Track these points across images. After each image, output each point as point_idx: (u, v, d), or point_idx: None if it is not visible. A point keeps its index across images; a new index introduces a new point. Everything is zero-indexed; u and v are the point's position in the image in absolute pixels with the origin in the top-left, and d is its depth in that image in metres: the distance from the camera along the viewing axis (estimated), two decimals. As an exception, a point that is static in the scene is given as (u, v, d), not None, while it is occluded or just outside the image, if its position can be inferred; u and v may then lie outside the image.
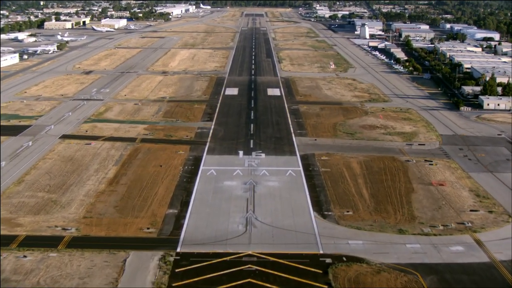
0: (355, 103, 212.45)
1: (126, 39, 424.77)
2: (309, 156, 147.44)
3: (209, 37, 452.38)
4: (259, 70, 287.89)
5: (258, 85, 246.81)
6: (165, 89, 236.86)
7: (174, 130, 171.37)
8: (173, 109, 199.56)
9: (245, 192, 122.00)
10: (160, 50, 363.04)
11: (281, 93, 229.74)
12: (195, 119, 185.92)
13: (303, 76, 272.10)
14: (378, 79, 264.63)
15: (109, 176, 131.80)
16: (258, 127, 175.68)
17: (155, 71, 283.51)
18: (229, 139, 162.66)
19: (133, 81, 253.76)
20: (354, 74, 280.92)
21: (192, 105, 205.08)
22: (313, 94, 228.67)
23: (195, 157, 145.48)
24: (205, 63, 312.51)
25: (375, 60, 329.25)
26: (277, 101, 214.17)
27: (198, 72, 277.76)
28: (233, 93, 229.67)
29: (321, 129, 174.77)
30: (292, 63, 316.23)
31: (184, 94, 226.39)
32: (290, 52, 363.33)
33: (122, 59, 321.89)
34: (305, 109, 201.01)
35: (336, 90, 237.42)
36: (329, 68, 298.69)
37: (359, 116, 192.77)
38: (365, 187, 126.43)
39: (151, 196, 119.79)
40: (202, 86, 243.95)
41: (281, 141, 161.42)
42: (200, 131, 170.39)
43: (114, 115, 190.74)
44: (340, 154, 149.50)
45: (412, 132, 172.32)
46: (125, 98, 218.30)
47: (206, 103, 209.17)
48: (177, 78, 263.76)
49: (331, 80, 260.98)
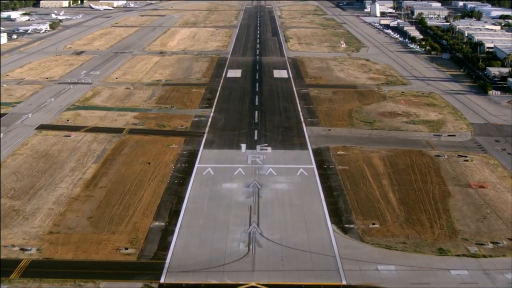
0: (371, 86, 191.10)
1: (124, 18, 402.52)
2: (323, 151, 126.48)
3: (211, 15, 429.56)
4: (264, 50, 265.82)
5: (263, 66, 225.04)
6: (161, 71, 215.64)
7: (168, 118, 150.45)
8: (169, 93, 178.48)
9: (247, 198, 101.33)
10: (159, 29, 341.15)
11: (288, 75, 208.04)
12: (192, 105, 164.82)
13: (312, 56, 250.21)
14: (393, 59, 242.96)
15: (87, 176, 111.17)
16: (263, 115, 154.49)
17: (152, 51, 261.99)
18: (230, 129, 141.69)
19: (127, 62, 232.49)
20: (367, 54, 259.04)
21: (190, 89, 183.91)
22: (324, 76, 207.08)
23: (189, 152, 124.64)
24: (207, 42, 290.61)
25: (388, 39, 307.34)
26: (285, 84, 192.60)
27: (198, 52, 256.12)
28: (235, 75, 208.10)
29: (335, 117, 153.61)
30: (299, 42, 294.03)
31: (182, 77, 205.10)
32: (297, 30, 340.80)
33: (117, 39, 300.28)
34: (316, 94, 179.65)
35: (349, 72, 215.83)
36: (340, 47, 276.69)
37: (376, 101, 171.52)
38: (391, 190, 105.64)
39: (135, 203, 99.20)
40: (202, 67, 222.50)
41: (289, 131, 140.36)
42: (197, 120, 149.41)
43: (102, 101, 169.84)
44: (359, 147, 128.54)
45: (438, 121, 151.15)
46: (116, 81, 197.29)
47: (206, 87, 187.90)
48: (175, 58, 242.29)
49: (343, 61, 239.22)
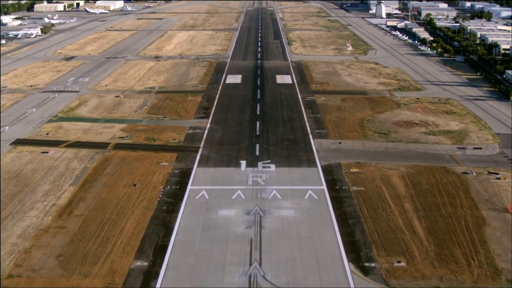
0: (382, 92, 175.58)
1: (120, 21, 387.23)
2: (334, 168, 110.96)
3: (211, 18, 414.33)
4: (266, 54, 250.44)
5: (265, 71, 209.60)
6: (155, 77, 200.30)
7: (159, 131, 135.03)
8: (162, 102, 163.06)
9: (248, 228, 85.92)
10: (155, 33, 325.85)
11: (292, 81, 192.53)
12: (187, 115, 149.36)
13: (317, 59, 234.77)
14: (404, 63, 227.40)
15: (62, 202, 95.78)
16: (265, 126, 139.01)
17: (146, 56, 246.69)
18: (228, 143, 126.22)
19: (119, 68, 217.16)
20: (376, 57, 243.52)
21: (185, 97, 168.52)
22: (331, 82, 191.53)
23: (182, 171, 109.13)
24: (205, 46, 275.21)
25: (397, 41, 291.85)
26: (289, 91, 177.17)
27: (196, 57, 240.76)
28: (235, 81, 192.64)
29: (345, 127, 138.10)
30: (303, 45, 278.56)
31: (177, 83, 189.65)
32: (300, 33, 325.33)
33: (111, 43, 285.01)
34: (323, 101, 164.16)
35: (358, 76, 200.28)
36: (346, 50, 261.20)
37: (390, 109, 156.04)
38: (416, 217, 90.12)
39: (114, 235, 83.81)
40: (199, 73, 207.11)
41: (295, 145, 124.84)
42: (192, 133, 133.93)
43: (88, 111, 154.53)
44: (374, 163, 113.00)
45: (460, 131, 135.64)
46: (106, 89, 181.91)
47: (203, 95, 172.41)
48: (171, 63, 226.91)
49: (350, 64, 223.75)
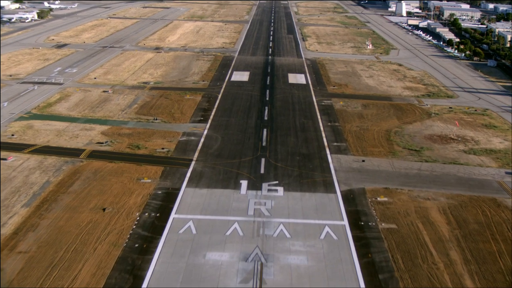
0: (409, 99, 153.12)
1: (124, 9, 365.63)
2: (357, 195, 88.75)
3: (221, 9, 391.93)
4: (278, 49, 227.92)
5: (276, 69, 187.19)
6: (152, 70, 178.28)
7: (147, 136, 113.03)
8: (155, 100, 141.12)
9: (244, 283, 63.83)
10: (160, 22, 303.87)
11: (307, 81, 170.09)
12: (182, 118, 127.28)
13: (334, 58, 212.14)
14: (430, 65, 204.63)
15: (6, 231, 74.00)
16: (274, 135, 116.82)
17: (146, 46, 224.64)
18: (227, 155, 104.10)
19: (114, 59, 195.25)
20: (398, 57, 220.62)
21: (183, 96, 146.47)
22: (351, 84, 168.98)
23: (166, 193, 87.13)
24: (212, 38, 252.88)
25: (420, 41, 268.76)
26: (302, 93, 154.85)
27: (201, 50, 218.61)
28: (242, 78, 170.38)
29: (368, 140, 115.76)
30: (319, 41, 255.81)
31: (176, 79, 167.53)
32: (315, 28, 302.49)
33: (111, 31, 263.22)
34: (342, 106, 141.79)
35: (380, 79, 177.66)
36: (366, 48, 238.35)
37: (419, 119, 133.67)
38: (467, 273, 68.00)
39: (63, 286, 61.76)
40: (202, 67, 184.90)
41: (309, 161, 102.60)
42: (185, 140, 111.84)
43: (68, 108, 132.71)
44: (407, 190, 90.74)
45: (506, 150, 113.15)
46: (94, 82, 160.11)
47: (203, 93, 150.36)
48: (172, 56, 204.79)
49: (371, 65, 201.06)
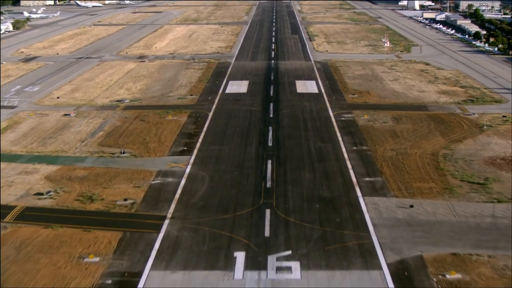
0: (449, 106, 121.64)
1: (111, 15, 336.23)
2: (414, 270, 57.40)
3: (218, 10, 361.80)
4: (282, 52, 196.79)
5: (281, 75, 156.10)
6: (130, 84, 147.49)
7: (107, 180, 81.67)
8: (127, 125, 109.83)
9: None
10: (149, 27, 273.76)
11: (319, 89, 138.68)
12: (159, 148, 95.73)
13: (348, 59, 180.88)
14: (462, 63, 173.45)
15: None
16: (282, 170, 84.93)
17: (128, 55, 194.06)
18: (216, 207, 72.31)
19: (87, 72, 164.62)
20: (423, 55, 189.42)
21: (164, 116, 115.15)
22: (373, 90, 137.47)
23: (119, 282, 55.58)
24: (206, 42, 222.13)
25: (442, 35, 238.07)
26: (315, 105, 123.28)
27: (191, 56, 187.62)
28: (239, 89, 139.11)
29: (412, 170, 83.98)
30: (328, 40, 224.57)
31: (158, 94, 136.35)
32: (323, 26, 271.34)
33: (91, 40, 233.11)
34: (368, 121, 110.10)
35: (408, 82, 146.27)
36: (383, 46, 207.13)
37: (469, 134, 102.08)
38: None
39: None
40: (191, 78, 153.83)
41: (334, 211, 70.83)
42: (159, 184, 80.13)
43: (12, 141, 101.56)
44: (486, 257, 59.10)
45: None
46: (56, 103, 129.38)
47: (190, 112, 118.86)
48: (157, 65, 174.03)
49: (393, 65, 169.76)
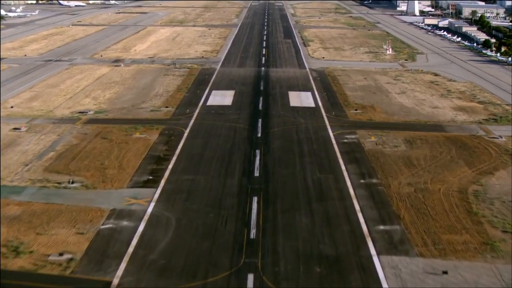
0: (469, 127, 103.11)
1: (93, 15, 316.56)
2: None
3: (207, 12, 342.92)
4: (274, 58, 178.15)
5: (272, 85, 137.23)
6: (99, 92, 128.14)
7: (44, 222, 62.35)
8: (85, 143, 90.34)
9: None
10: (131, 28, 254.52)
11: (316, 103, 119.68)
12: (119, 177, 76.16)
13: (347, 67, 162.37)
14: (475, 74, 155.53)
15: None
16: (270, 212, 65.59)
17: (103, 58, 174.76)
18: (181, 269, 53.09)
19: (53, 77, 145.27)
20: (429, 64, 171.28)
21: (131, 133, 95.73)
22: (378, 105, 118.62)
23: None
24: (190, 46, 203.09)
25: (447, 43, 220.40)
26: (312, 123, 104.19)
27: (172, 61, 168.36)
28: (223, 101, 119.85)
29: (437, 215, 65.15)
30: (324, 46, 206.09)
31: (129, 105, 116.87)
32: (318, 31, 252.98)
33: (66, 40, 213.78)
34: (376, 145, 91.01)
35: (417, 95, 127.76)
36: (385, 54, 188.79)
37: (500, 163, 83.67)
38: None
39: None
40: (169, 86, 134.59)
41: (340, 278, 51.93)
42: (109, 230, 60.75)
43: None
44: None
45: None
46: (8, 113, 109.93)
47: (163, 128, 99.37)
48: (133, 70, 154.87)
49: (398, 75, 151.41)
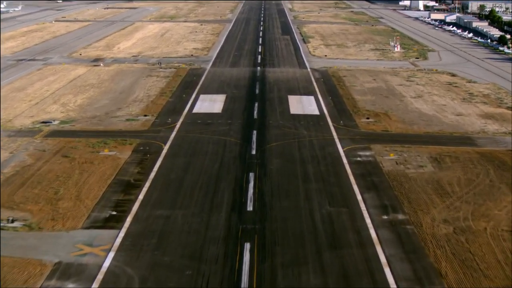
0: (505, 139, 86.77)
1: (81, 10, 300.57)
2: None
3: (200, 7, 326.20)
4: (271, 56, 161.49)
5: (269, 88, 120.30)
6: (70, 97, 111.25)
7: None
8: (41, 163, 73.19)
9: None
10: (118, 24, 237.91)
11: (320, 109, 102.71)
12: (73, 212, 58.97)
13: (352, 66, 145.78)
14: (496, 74, 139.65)
15: None
16: (268, 268, 48.42)
17: (82, 57, 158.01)
18: None
19: (22, 79, 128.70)
20: (443, 63, 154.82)
21: (99, 149, 78.67)
22: (393, 111, 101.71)
23: None
24: (179, 43, 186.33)
25: (458, 39, 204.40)
26: (316, 135, 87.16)
27: (158, 60, 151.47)
28: (212, 108, 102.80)
29: (489, 268, 48.21)
30: (326, 43, 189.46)
31: (102, 112, 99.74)
32: (318, 26, 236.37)
33: (46, 37, 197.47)
34: (396, 164, 73.96)
35: (435, 100, 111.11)
36: (393, 51, 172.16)
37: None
38: None
39: None
40: (151, 89, 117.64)
41: None
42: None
43: None
44: None
45: None
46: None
47: (138, 142, 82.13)
48: (113, 71, 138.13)
49: (411, 76, 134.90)
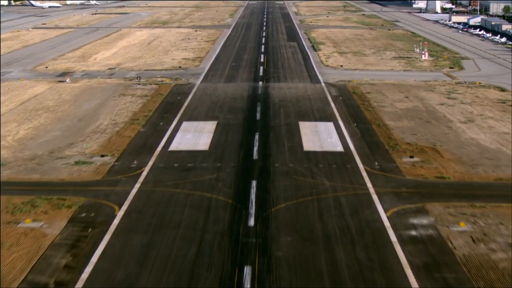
0: None
1: (65, 17, 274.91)
2: None
3: (197, 12, 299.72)
4: (275, 67, 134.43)
5: (273, 112, 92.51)
6: (12, 126, 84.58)
7: None
8: None
9: None
10: (102, 31, 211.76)
11: (344, 143, 74.95)
12: None
13: (376, 78, 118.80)
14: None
15: None
16: None
17: (48, 71, 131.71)
18: None
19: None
20: (483, 74, 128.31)
21: (21, 216, 51.74)
22: (442, 145, 74.30)
23: None
24: (167, 52, 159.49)
25: (491, 44, 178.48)
26: (342, 185, 59.94)
27: (137, 74, 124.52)
28: (195, 143, 75.28)
29: None
30: (340, 50, 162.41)
31: (45, 151, 72.71)
32: (328, 31, 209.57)
33: (14, 47, 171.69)
34: (472, 243, 46.96)
35: (493, 126, 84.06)
36: (420, 59, 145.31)
37: None
38: None
39: None
40: (121, 115, 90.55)
41: None
42: None
43: None
44: None
45: None
46: None
47: (81, 204, 55.10)
48: (79, 88, 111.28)
49: (451, 91, 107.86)
